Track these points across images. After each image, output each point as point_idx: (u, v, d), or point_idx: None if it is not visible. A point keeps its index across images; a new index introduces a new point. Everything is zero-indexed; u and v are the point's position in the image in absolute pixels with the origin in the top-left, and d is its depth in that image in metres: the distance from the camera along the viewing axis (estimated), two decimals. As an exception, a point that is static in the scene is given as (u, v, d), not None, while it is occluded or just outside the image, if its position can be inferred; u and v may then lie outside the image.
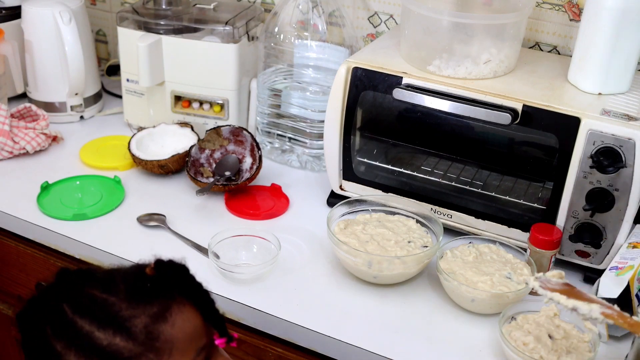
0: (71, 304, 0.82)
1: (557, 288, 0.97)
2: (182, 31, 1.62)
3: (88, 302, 0.82)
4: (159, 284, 0.85)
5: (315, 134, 1.57)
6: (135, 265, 0.89)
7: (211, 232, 1.31)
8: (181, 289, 0.86)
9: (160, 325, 0.82)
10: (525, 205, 1.32)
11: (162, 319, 0.82)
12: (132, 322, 0.81)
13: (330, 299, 1.23)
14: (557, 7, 1.47)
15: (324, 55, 1.56)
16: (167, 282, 0.85)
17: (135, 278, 0.85)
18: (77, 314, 0.81)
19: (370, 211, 1.37)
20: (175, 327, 0.83)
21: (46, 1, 1.68)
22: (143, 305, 0.82)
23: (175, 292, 0.85)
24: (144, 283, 0.84)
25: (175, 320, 0.83)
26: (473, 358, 1.11)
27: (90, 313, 0.81)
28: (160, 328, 0.81)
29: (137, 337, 0.80)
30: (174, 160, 1.52)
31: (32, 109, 1.66)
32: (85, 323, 0.80)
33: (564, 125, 1.20)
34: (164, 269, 0.87)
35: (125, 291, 0.82)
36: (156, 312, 0.82)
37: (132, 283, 0.84)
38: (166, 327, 0.82)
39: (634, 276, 1.11)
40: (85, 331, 0.80)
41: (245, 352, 1.27)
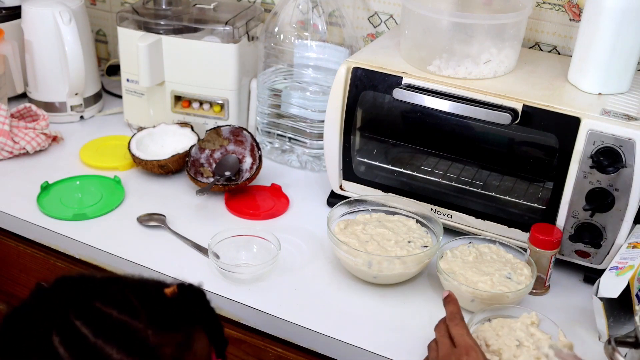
0: (90, 325, 0.76)
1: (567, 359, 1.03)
2: (182, 31, 1.62)
3: (109, 324, 0.77)
4: (182, 311, 0.82)
5: (315, 134, 1.57)
6: (150, 283, 0.85)
7: (211, 232, 1.31)
8: (201, 317, 0.85)
9: (185, 354, 0.80)
10: (525, 205, 1.32)
11: (186, 348, 0.80)
12: (160, 352, 0.77)
13: (330, 299, 1.23)
14: (557, 7, 1.47)
15: (324, 55, 1.56)
16: (189, 308, 0.83)
17: (156, 301, 0.81)
18: (100, 337, 0.75)
19: (370, 211, 1.37)
20: (197, 355, 0.82)
21: (46, 1, 1.68)
22: (169, 333, 0.79)
23: (196, 319, 0.83)
24: (167, 308, 0.81)
25: (196, 349, 0.82)
26: (473, 358, 1.11)
27: (115, 339, 0.76)
28: (185, 357, 0.80)
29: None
30: (174, 160, 1.52)
31: (32, 109, 1.66)
32: (113, 350, 0.75)
33: (564, 125, 1.20)
34: (186, 294, 0.84)
35: (148, 316, 0.78)
36: (181, 342, 0.80)
37: (155, 307, 0.80)
38: (189, 355, 0.81)
39: (634, 276, 1.11)
40: (111, 357, 0.75)
41: (245, 352, 1.27)
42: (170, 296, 0.82)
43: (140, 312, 0.78)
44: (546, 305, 1.21)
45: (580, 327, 1.18)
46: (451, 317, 1.04)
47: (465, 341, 0.99)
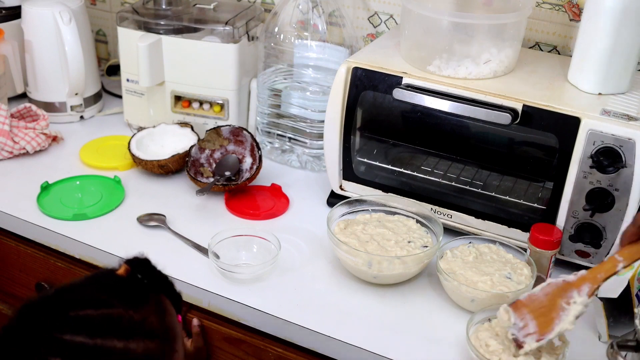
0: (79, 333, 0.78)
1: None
2: (182, 31, 1.62)
3: (95, 323, 0.80)
4: (142, 282, 0.88)
5: (315, 134, 1.57)
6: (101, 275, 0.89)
7: (211, 232, 1.31)
8: (157, 281, 0.91)
9: (166, 318, 0.87)
10: (525, 205, 1.32)
11: (163, 312, 0.87)
12: (148, 324, 0.83)
13: (330, 299, 1.23)
14: (557, 7, 1.47)
15: (324, 55, 1.56)
16: (146, 277, 0.89)
17: (118, 286, 0.86)
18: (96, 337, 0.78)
19: (370, 211, 1.37)
20: (172, 314, 0.90)
21: (46, 1, 1.68)
22: (144, 306, 0.85)
23: (155, 285, 0.90)
24: (131, 287, 0.86)
25: (169, 310, 0.89)
26: (473, 358, 1.11)
27: (109, 332, 0.79)
28: (167, 319, 0.87)
29: (159, 334, 0.84)
30: (174, 160, 1.52)
31: (32, 109, 1.66)
32: (114, 342, 0.79)
33: (564, 125, 1.20)
34: (136, 267, 0.89)
35: (121, 301, 0.83)
36: (157, 309, 0.86)
37: (121, 291, 0.85)
38: (169, 317, 0.88)
39: (634, 276, 1.11)
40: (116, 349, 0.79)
41: (245, 352, 1.27)
42: (125, 275, 0.88)
43: (112, 300, 0.82)
44: (546, 305, 1.21)
45: (580, 327, 1.18)
46: None
47: None
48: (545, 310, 1.01)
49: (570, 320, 0.99)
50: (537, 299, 1.02)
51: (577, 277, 1.00)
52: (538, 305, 1.02)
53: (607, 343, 1.12)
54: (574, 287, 1.00)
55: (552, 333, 1.00)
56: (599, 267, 1.00)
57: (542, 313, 1.01)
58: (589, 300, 0.99)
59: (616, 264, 0.97)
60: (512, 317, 1.02)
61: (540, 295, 1.02)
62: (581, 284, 0.99)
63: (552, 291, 1.02)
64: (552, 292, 1.02)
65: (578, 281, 1.00)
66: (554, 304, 1.01)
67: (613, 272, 0.98)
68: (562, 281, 1.01)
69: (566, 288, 1.01)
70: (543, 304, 1.01)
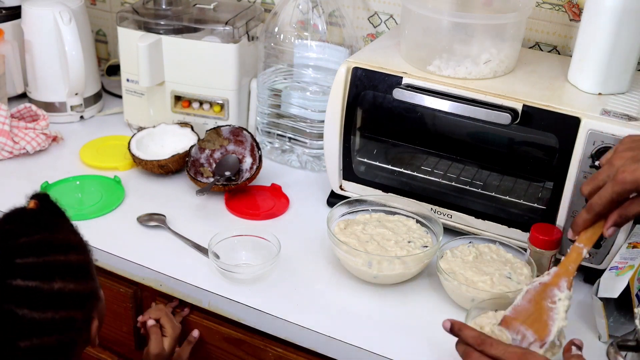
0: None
1: None
2: (182, 31, 1.62)
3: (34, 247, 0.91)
4: (53, 209, 1.00)
5: (315, 134, 1.57)
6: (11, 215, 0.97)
7: (211, 232, 1.31)
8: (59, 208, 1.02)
9: (78, 234, 1.00)
10: (525, 205, 1.32)
11: (75, 231, 1.00)
12: (71, 240, 0.97)
13: (330, 299, 1.23)
14: (557, 7, 1.47)
15: (324, 55, 1.56)
16: (53, 205, 1.00)
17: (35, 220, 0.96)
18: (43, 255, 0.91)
19: (370, 211, 1.37)
20: (80, 232, 1.01)
21: (46, 1, 1.68)
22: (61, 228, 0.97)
23: (60, 210, 1.01)
24: (45, 216, 0.97)
25: (78, 228, 1.01)
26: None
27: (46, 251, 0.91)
28: (80, 235, 1.00)
29: (82, 247, 0.98)
30: (174, 160, 1.52)
31: (32, 109, 1.66)
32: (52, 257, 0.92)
33: (564, 125, 1.20)
34: (40, 198, 1.00)
35: (43, 228, 0.94)
36: (71, 228, 1.00)
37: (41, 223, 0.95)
38: (80, 235, 1.00)
39: (634, 276, 1.11)
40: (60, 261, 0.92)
41: (245, 352, 1.27)
42: (36, 208, 0.98)
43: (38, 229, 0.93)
44: (546, 305, 1.21)
45: (580, 327, 1.18)
46: (480, 342, 0.95)
47: (514, 352, 0.93)
48: (535, 316, 1.02)
49: (562, 317, 1.01)
50: (523, 308, 1.04)
51: (552, 276, 1.03)
52: (526, 314, 1.03)
53: (607, 343, 1.12)
54: (552, 285, 1.03)
55: (552, 334, 1.01)
56: (566, 259, 1.04)
57: (534, 320, 1.02)
58: (571, 293, 1.02)
59: (580, 251, 1.03)
60: (508, 334, 1.03)
61: (524, 304, 1.04)
62: (558, 281, 1.02)
63: (534, 296, 1.04)
64: (533, 297, 1.04)
65: (554, 279, 1.03)
66: (540, 307, 1.02)
67: (580, 259, 1.03)
68: (539, 284, 1.04)
69: (545, 289, 1.03)
70: (531, 311, 1.03)
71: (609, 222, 1.02)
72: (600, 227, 1.03)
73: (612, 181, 1.00)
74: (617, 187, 0.99)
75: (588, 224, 1.04)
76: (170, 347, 1.25)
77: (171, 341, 1.25)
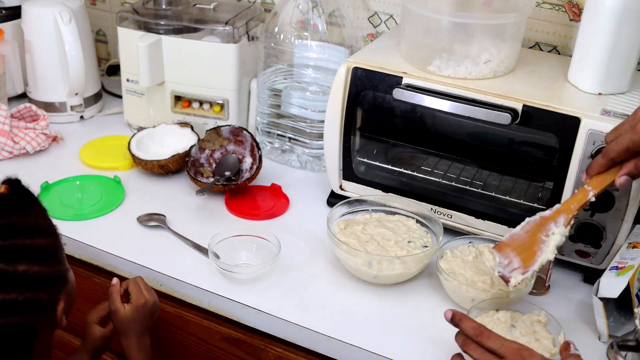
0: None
1: None
2: (182, 31, 1.62)
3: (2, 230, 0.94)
4: (23, 195, 1.02)
5: (315, 134, 1.57)
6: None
7: (211, 232, 1.31)
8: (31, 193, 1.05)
9: (48, 219, 1.03)
10: (525, 205, 1.32)
11: (45, 216, 1.03)
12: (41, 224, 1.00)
13: (330, 299, 1.23)
14: (557, 7, 1.47)
15: (324, 55, 1.56)
16: (25, 191, 1.03)
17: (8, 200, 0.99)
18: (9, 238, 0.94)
19: (370, 211, 1.37)
20: (49, 217, 1.04)
21: (46, 1, 1.68)
22: (32, 211, 1.00)
23: (32, 195, 1.04)
24: (17, 200, 1.00)
25: (47, 212, 1.03)
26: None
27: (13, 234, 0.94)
28: (49, 220, 1.03)
29: (51, 231, 1.01)
30: (174, 160, 1.52)
31: (32, 109, 1.66)
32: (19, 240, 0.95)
33: (564, 125, 1.20)
34: (13, 183, 1.02)
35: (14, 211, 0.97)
36: (41, 212, 1.02)
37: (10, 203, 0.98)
38: (49, 220, 1.03)
39: (634, 276, 1.11)
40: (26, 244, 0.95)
41: (245, 352, 1.27)
42: (7, 192, 1.00)
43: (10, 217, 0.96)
44: (546, 305, 1.21)
45: (580, 327, 1.18)
46: (478, 333, 0.98)
47: (510, 347, 0.95)
48: (527, 245, 1.05)
49: (550, 250, 1.03)
50: (519, 237, 1.06)
51: (553, 211, 1.04)
52: (520, 242, 1.06)
53: (607, 343, 1.13)
54: (550, 220, 1.04)
55: (535, 264, 1.04)
56: (571, 198, 1.05)
57: (524, 249, 1.05)
58: (566, 230, 1.03)
59: (587, 193, 1.03)
60: (497, 256, 1.06)
61: (521, 234, 1.06)
62: (557, 216, 1.03)
63: (532, 228, 1.05)
64: (531, 228, 1.06)
65: (554, 214, 1.04)
66: (534, 239, 1.04)
67: (585, 201, 1.03)
68: (539, 217, 1.05)
69: (544, 222, 1.05)
70: (524, 241, 1.05)
71: (622, 169, 1.01)
72: (613, 174, 1.02)
73: (631, 129, 1.01)
74: (635, 136, 1.00)
75: (602, 168, 1.03)
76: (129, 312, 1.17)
77: (131, 308, 1.18)
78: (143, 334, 1.19)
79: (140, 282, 1.21)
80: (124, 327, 1.17)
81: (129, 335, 1.18)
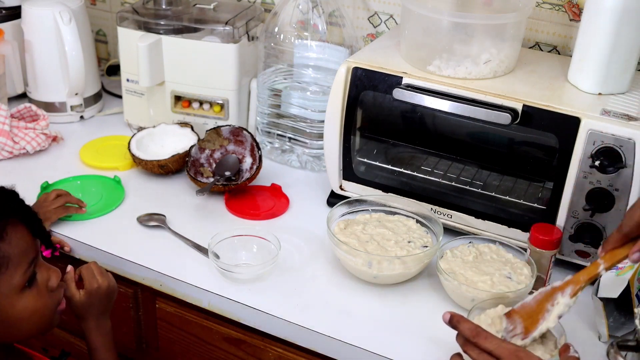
0: None
1: None
2: (182, 31, 1.62)
3: None
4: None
5: (315, 134, 1.57)
6: None
7: (211, 232, 1.31)
8: (13, 211, 1.00)
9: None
10: (525, 205, 1.32)
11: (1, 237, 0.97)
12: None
13: (330, 299, 1.23)
14: (557, 7, 1.47)
15: (324, 55, 1.56)
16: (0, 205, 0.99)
17: None
18: None
19: (370, 211, 1.37)
20: (12, 244, 0.98)
21: (46, 1, 1.68)
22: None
23: (8, 214, 0.99)
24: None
25: (11, 239, 0.98)
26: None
27: None
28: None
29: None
30: (174, 160, 1.52)
31: (32, 109, 1.66)
32: None
33: (564, 125, 1.20)
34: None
35: None
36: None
37: None
38: (3, 244, 0.97)
39: (634, 276, 1.11)
40: None
41: (245, 352, 1.27)
42: None
43: None
44: (546, 305, 1.21)
45: (580, 327, 1.18)
46: (475, 334, 0.99)
47: (507, 348, 0.96)
48: (533, 313, 1.06)
49: (552, 319, 1.04)
50: (528, 305, 1.07)
51: (563, 282, 1.05)
52: (528, 310, 1.07)
53: (607, 343, 1.13)
54: (559, 290, 1.05)
55: (536, 331, 1.04)
56: (583, 270, 1.04)
57: (530, 316, 1.06)
58: (571, 301, 1.03)
59: (598, 267, 1.02)
60: (504, 322, 1.08)
61: (531, 303, 1.07)
62: (565, 287, 1.04)
63: (542, 297, 1.06)
64: (541, 298, 1.07)
65: (563, 285, 1.05)
66: (541, 307, 1.05)
67: (595, 274, 1.02)
68: (550, 288, 1.06)
69: (552, 292, 1.05)
70: (532, 309, 1.06)
71: (636, 246, 1.00)
72: (627, 250, 1.01)
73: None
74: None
75: (617, 243, 1.02)
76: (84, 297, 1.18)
77: (85, 293, 1.18)
78: (100, 316, 1.19)
79: (94, 267, 1.21)
80: (81, 311, 1.18)
81: (86, 319, 1.19)
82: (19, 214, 1.01)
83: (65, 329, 1.48)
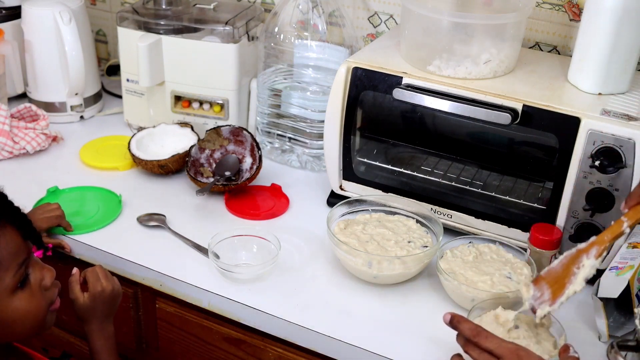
0: None
1: None
2: (182, 31, 1.62)
3: None
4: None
5: (315, 134, 1.57)
6: None
7: (211, 232, 1.31)
8: (2, 213, 0.99)
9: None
10: (525, 205, 1.32)
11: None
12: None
13: (330, 299, 1.23)
14: (557, 7, 1.47)
15: (324, 55, 1.56)
16: None
17: None
18: None
19: (370, 211, 1.37)
20: (1, 247, 0.97)
21: (46, 1, 1.68)
22: None
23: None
24: None
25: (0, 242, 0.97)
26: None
27: None
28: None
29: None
30: (174, 160, 1.52)
31: (32, 109, 1.66)
32: None
33: (564, 125, 1.20)
34: None
35: None
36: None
37: None
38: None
39: (634, 276, 1.11)
40: None
41: (245, 352, 1.27)
42: None
43: None
44: (546, 305, 1.21)
45: (580, 327, 1.18)
46: (475, 334, 0.99)
47: (507, 347, 0.96)
48: (559, 278, 1.06)
49: (579, 282, 1.03)
50: (554, 270, 1.07)
51: (588, 243, 1.04)
52: (554, 275, 1.07)
53: (607, 343, 1.12)
54: (584, 252, 1.04)
55: (563, 296, 1.04)
56: (607, 230, 1.04)
57: (556, 281, 1.06)
58: (597, 262, 1.02)
59: (622, 225, 1.02)
60: (532, 289, 1.08)
61: (557, 267, 1.07)
62: (590, 248, 1.04)
63: (567, 261, 1.06)
64: (567, 261, 1.06)
65: (588, 246, 1.04)
66: (567, 271, 1.05)
67: (619, 232, 1.02)
68: (576, 250, 1.06)
69: (578, 255, 1.05)
70: (559, 274, 1.06)
71: None
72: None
73: None
74: None
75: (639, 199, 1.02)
76: (87, 300, 1.18)
77: (89, 296, 1.18)
78: (104, 320, 1.19)
79: (99, 271, 1.20)
80: (84, 314, 1.18)
81: (89, 322, 1.18)
82: (8, 215, 1.00)
83: (66, 330, 1.49)
